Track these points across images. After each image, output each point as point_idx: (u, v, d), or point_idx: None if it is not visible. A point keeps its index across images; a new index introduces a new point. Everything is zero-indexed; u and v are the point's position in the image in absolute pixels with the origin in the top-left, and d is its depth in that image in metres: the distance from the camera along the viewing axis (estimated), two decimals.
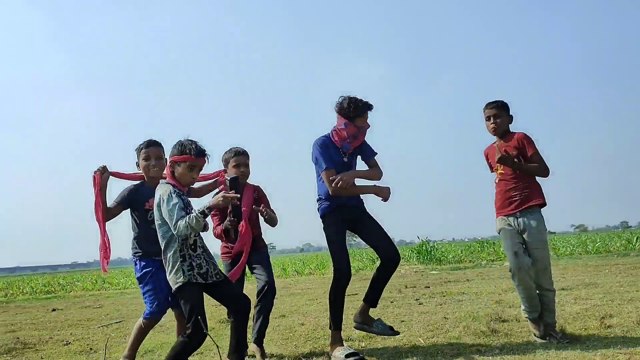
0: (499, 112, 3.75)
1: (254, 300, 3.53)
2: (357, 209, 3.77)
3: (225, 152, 3.95)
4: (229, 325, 3.23)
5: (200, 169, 3.06)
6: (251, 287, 7.09)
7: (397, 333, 3.71)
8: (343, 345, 3.53)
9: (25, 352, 4.69)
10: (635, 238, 16.09)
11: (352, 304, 5.86)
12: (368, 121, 3.73)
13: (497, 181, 3.78)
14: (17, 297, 15.16)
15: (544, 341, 3.51)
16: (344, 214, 3.70)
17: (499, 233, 3.75)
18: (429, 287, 8.24)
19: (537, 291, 3.60)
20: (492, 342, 3.65)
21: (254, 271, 3.89)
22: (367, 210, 3.82)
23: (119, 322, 6.62)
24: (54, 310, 9.53)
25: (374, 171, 3.80)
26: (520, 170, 3.63)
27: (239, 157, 3.89)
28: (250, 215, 3.89)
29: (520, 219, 3.62)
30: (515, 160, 3.61)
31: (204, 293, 2.93)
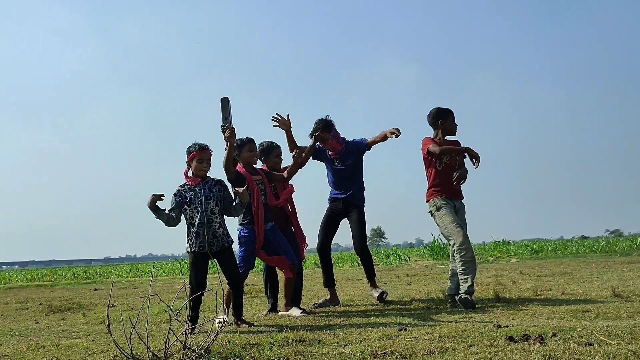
0: None
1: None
2: (347, 202, 5.00)
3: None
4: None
5: (209, 160, 3.94)
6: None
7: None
8: (328, 299, 4.96)
9: (81, 310, 5.90)
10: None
11: (353, 284, 6.95)
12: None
13: (439, 168, 4.56)
14: (60, 282, 16.66)
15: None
16: (334, 206, 5.05)
17: (437, 210, 4.51)
18: (426, 275, 9.21)
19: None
20: (436, 305, 4.66)
21: None
22: (359, 205, 5.00)
23: (154, 295, 7.81)
24: (96, 289, 10.86)
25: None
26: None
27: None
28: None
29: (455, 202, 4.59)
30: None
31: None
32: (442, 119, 4.67)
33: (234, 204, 3.97)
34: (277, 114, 4.72)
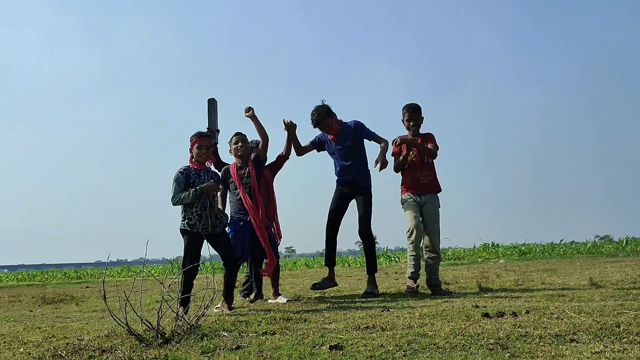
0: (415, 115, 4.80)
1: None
2: (355, 185, 4.91)
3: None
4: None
5: (208, 147, 4.13)
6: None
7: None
8: (326, 277, 4.98)
9: (74, 301, 6.00)
10: (625, 241, 16.92)
11: (343, 280, 7.10)
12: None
13: (406, 167, 4.79)
14: (51, 282, 16.66)
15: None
16: (342, 188, 4.95)
17: (402, 204, 4.79)
18: None
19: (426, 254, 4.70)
20: (421, 294, 4.81)
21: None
22: (365, 186, 4.93)
23: (146, 290, 7.91)
24: (87, 287, 10.92)
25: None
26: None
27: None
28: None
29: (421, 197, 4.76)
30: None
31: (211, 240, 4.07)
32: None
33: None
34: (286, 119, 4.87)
